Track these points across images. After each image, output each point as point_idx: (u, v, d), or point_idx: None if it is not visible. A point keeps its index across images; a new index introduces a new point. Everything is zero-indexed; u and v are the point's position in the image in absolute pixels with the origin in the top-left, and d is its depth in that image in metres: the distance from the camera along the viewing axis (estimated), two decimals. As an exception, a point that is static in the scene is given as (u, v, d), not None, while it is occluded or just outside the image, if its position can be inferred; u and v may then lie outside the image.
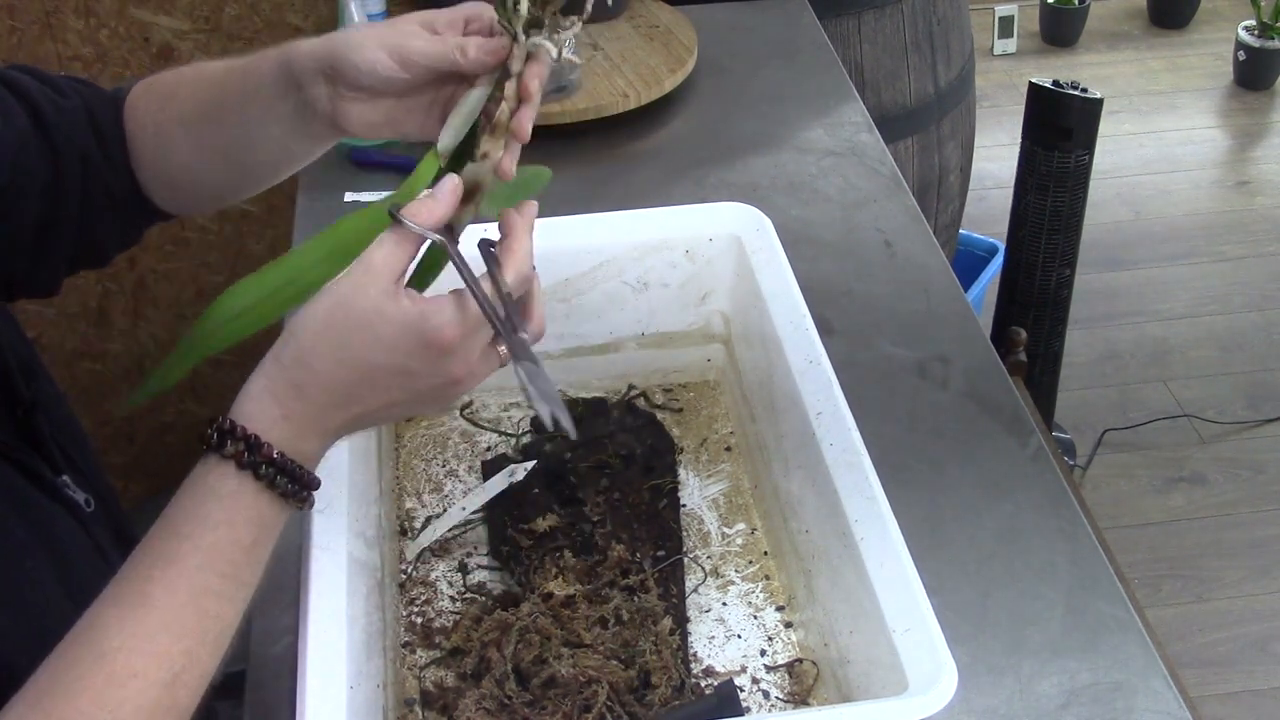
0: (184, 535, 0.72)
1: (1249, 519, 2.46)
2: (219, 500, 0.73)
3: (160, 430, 2.27)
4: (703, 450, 1.22)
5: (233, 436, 0.72)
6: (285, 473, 0.74)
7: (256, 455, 0.72)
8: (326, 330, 0.74)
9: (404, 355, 0.74)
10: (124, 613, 0.70)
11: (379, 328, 0.73)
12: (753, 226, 1.19)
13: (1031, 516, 1.10)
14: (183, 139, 0.95)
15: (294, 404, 0.74)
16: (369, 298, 0.73)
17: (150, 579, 0.71)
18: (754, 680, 1.01)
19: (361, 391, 0.75)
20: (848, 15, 1.98)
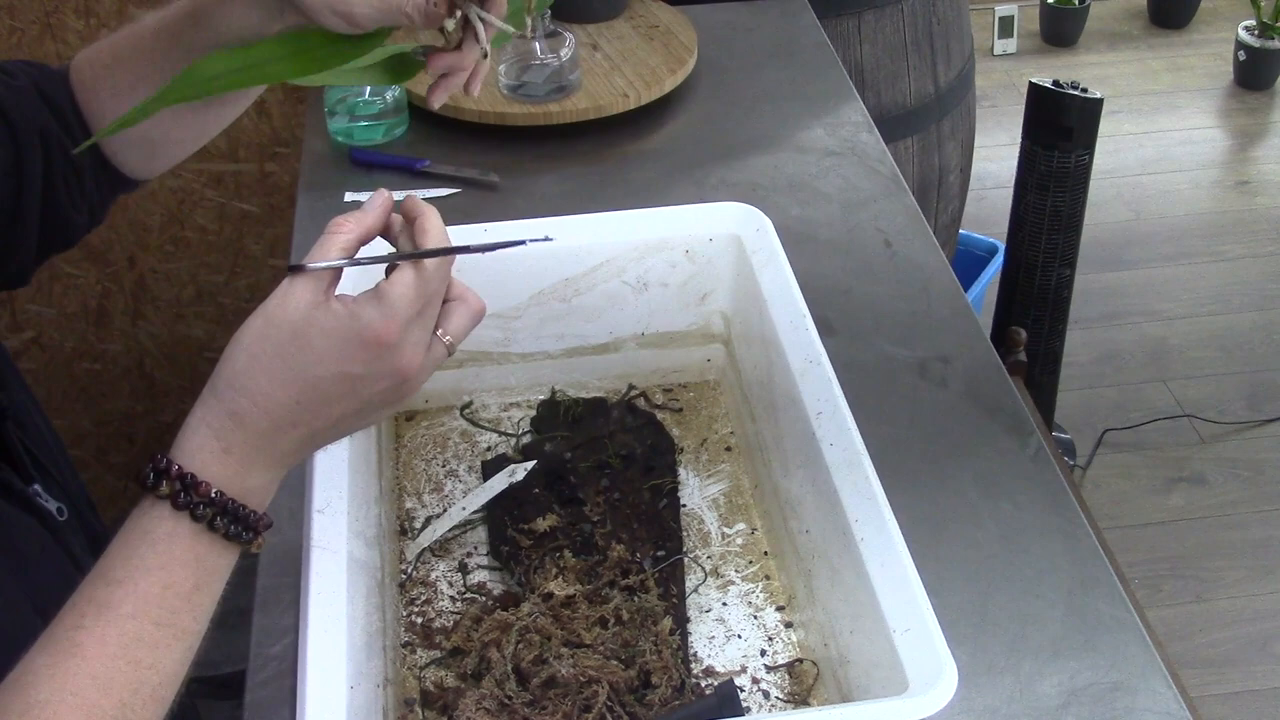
0: (116, 581, 0.68)
1: (1249, 519, 2.46)
2: (153, 544, 0.69)
3: (160, 430, 2.27)
4: (703, 450, 1.22)
5: (168, 475, 0.69)
6: (226, 513, 0.70)
7: (193, 494, 0.69)
8: (259, 351, 0.70)
9: (344, 360, 0.70)
10: (54, 662, 0.66)
11: (313, 338, 0.70)
12: (753, 226, 1.19)
13: (1031, 516, 1.10)
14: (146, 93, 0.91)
15: (234, 435, 0.70)
16: (297, 310, 0.70)
17: (80, 627, 0.67)
18: (754, 680, 1.01)
19: (307, 408, 0.71)
20: (848, 15, 1.98)
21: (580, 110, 1.60)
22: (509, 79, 1.62)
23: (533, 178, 1.54)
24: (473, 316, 0.77)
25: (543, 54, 1.60)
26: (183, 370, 2.22)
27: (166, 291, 2.12)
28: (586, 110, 1.61)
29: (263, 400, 0.70)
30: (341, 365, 0.71)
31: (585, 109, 1.61)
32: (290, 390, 0.70)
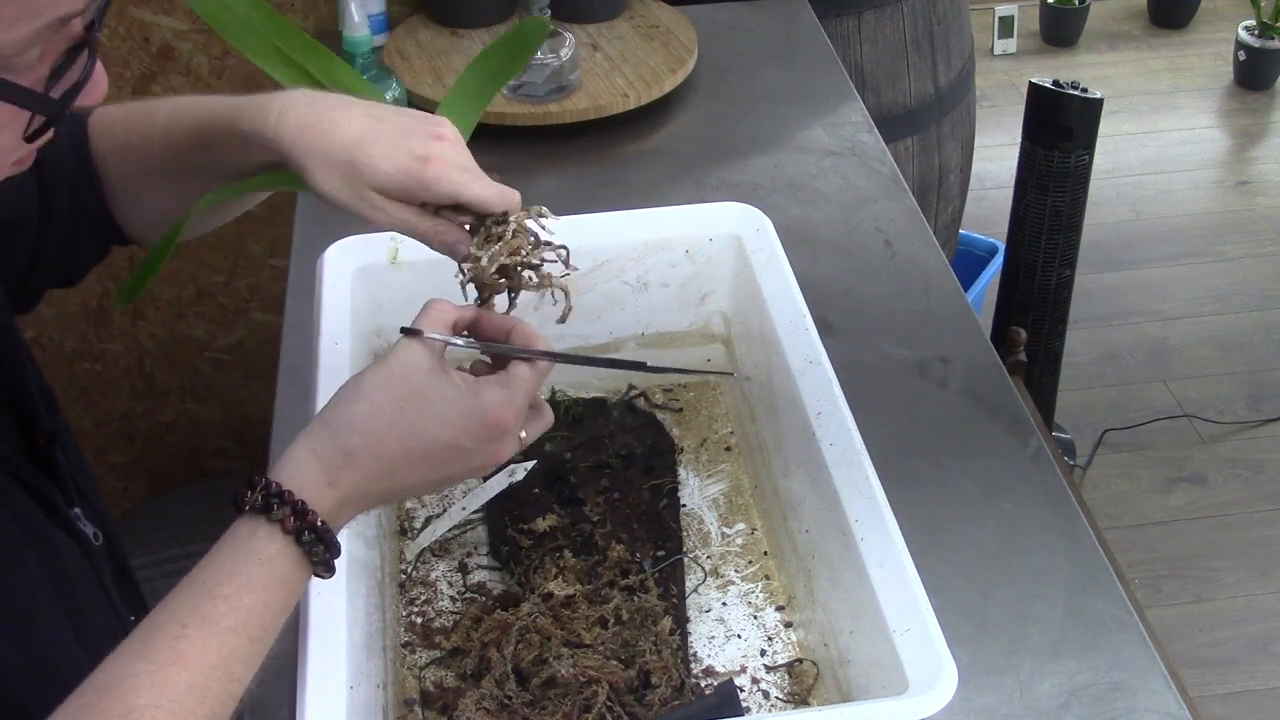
0: (223, 596, 0.70)
1: (1249, 519, 2.46)
2: (260, 563, 0.71)
3: (160, 430, 2.27)
4: (703, 450, 1.22)
5: (280, 500, 0.72)
6: (323, 541, 0.73)
7: (303, 521, 0.72)
8: (381, 400, 0.74)
9: (460, 432, 0.75)
10: (155, 669, 0.68)
11: (437, 404, 0.74)
12: (753, 226, 1.19)
13: (1031, 516, 1.10)
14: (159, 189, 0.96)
15: (341, 472, 0.74)
16: (420, 371, 0.75)
17: (184, 637, 0.69)
18: (754, 680, 1.01)
19: (411, 463, 0.75)
20: (848, 15, 1.98)
21: (580, 110, 1.60)
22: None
23: (533, 178, 1.53)
24: (546, 425, 0.82)
25: (543, 54, 1.60)
26: (183, 370, 2.22)
27: (166, 291, 2.12)
28: (586, 110, 1.61)
29: (376, 446, 0.74)
30: (456, 435, 0.75)
31: (585, 109, 1.61)
32: (404, 443, 0.74)
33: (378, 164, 0.82)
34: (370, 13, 1.74)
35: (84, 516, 0.89)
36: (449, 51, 1.74)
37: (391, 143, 0.82)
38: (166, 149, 0.93)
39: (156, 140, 0.93)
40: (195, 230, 1.02)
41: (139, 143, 0.94)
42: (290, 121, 0.84)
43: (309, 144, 0.83)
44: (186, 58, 1.94)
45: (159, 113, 0.94)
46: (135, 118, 0.96)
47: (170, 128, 0.92)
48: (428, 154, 0.82)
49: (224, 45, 1.94)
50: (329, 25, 1.90)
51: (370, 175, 0.82)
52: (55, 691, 0.68)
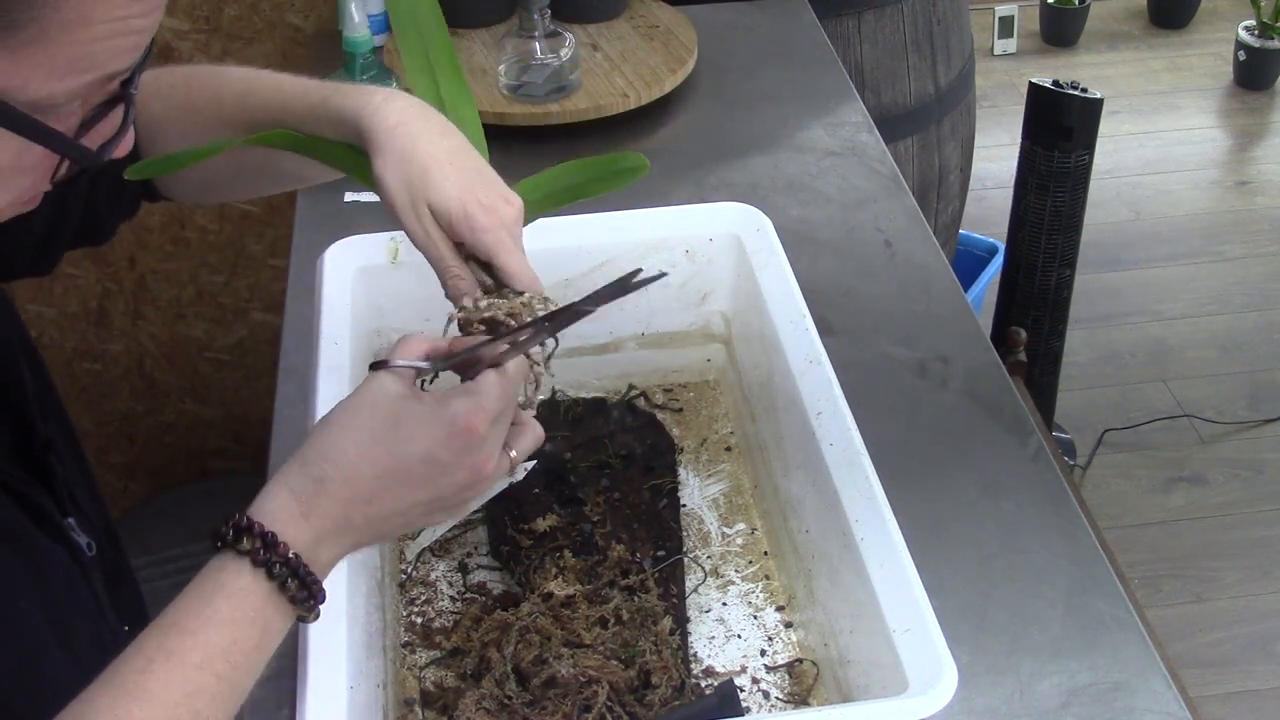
0: (189, 630, 0.69)
1: (1249, 519, 2.46)
2: (227, 598, 0.70)
3: (160, 430, 2.27)
4: (703, 450, 1.22)
5: (249, 533, 0.70)
6: (297, 576, 0.71)
7: (272, 554, 0.70)
8: (350, 424, 0.73)
9: (433, 443, 0.73)
10: (117, 703, 0.67)
11: (406, 419, 0.73)
12: (753, 226, 1.19)
13: (1031, 516, 1.10)
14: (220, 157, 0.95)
15: (314, 500, 0.72)
16: (389, 397, 0.74)
17: (148, 672, 0.68)
18: (754, 680, 1.01)
19: (387, 485, 0.73)
20: (848, 15, 1.98)
21: (580, 110, 1.60)
22: (509, 79, 1.62)
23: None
24: (535, 441, 0.82)
25: (543, 54, 1.60)
26: (183, 370, 2.22)
27: (166, 291, 2.12)
28: (586, 110, 1.61)
29: (348, 469, 0.72)
30: (430, 448, 0.73)
31: (585, 109, 1.61)
32: (377, 465, 0.73)
33: (447, 187, 0.83)
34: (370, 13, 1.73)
35: (78, 526, 0.88)
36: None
37: (468, 179, 0.84)
38: (239, 118, 0.92)
39: (227, 106, 0.93)
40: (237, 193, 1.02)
41: (206, 106, 0.94)
42: (392, 111, 0.85)
43: (398, 138, 0.84)
44: (186, 58, 1.94)
45: (230, 79, 0.94)
46: (200, 79, 0.95)
47: (246, 95, 0.92)
48: (492, 206, 0.84)
49: (224, 45, 1.94)
50: (329, 25, 1.90)
51: (435, 192, 0.83)
52: (40, 696, 0.68)
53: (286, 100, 0.90)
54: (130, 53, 0.63)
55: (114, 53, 0.62)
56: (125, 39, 0.62)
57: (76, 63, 0.61)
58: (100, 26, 0.60)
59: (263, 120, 0.91)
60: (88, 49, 0.61)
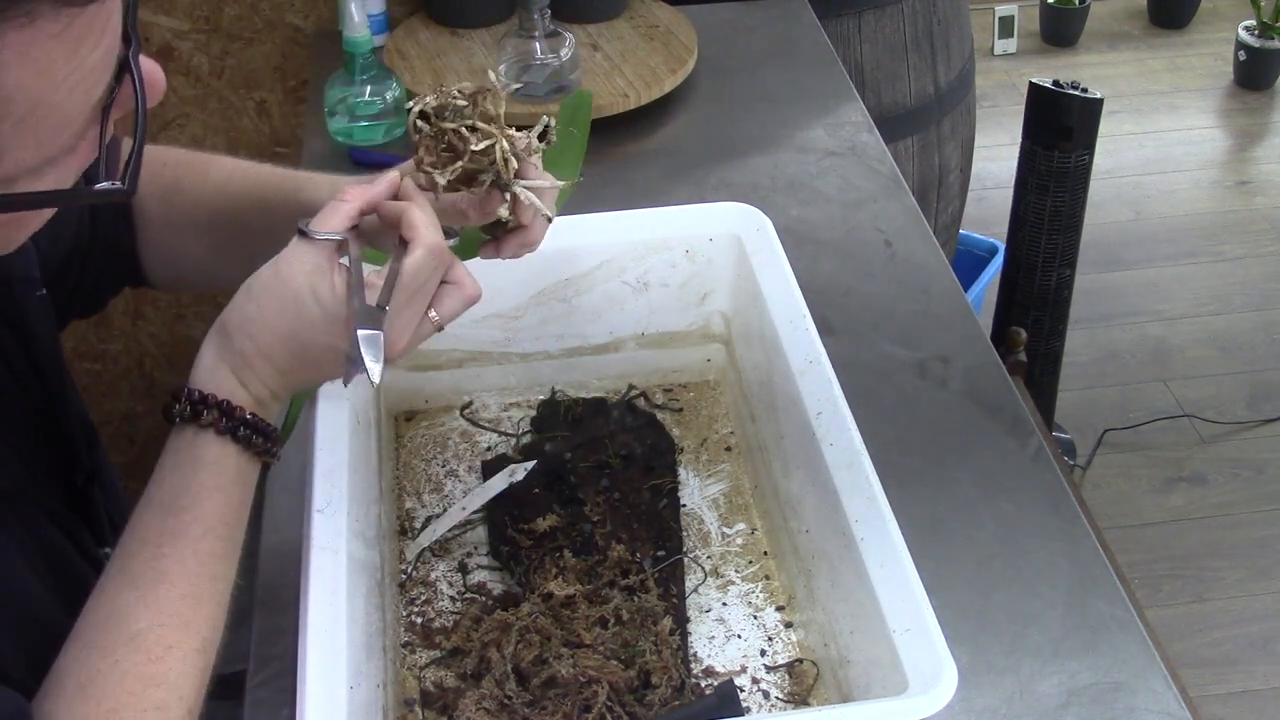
0: (181, 508, 0.75)
1: (1249, 519, 2.46)
2: (206, 468, 0.76)
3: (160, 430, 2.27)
4: (703, 450, 1.22)
5: (206, 405, 0.77)
6: (258, 431, 0.78)
7: (232, 419, 0.77)
8: (264, 304, 0.78)
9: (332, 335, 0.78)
10: (144, 593, 0.72)
11: (309, 306, 0.78)
12: (753, 226, 1.19)
13: (1031, 516, 1.10)
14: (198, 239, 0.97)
15: (245, 372, 0.79)
16: (301, 273, 0.78)
17: (161, 555, 0.73)
18: (754, 680, 1.01)
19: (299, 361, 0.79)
20: (848, 15, 1.98)
21: (580, 110, 1.60)
22: (509, 79, 1.62)
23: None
24: (465, 301, 0.84)
25: (543, 54, 1.60)
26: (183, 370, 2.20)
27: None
28: (586, 110, 1.60)
29: (265, 348, 0.78)
30: (330, 339, 0.79)
31: (585, 109, 1.60)
32: (287, 345, 0.79)
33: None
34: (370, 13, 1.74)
35: None
36: (449, 51, 1.74)
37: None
38: (219, 204, 0.95)
39: (210, 193, 0.95)
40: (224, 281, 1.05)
41: (190, 189, 0.96)
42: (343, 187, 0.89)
43: None
44: (186, 57, 1.94)
45: (214, 165, 0.97)
46: (186, 165, 0.98)
47: (227, 183, 0.95)
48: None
49: (224, 45, 1.94)
50: (329, 25, 1.90)
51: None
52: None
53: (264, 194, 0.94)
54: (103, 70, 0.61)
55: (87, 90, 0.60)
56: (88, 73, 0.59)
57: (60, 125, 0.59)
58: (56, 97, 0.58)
59: (242, 208, 0.94)
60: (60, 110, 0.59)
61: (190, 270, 1.01)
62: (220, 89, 1.97)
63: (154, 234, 0.98)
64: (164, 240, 0.98)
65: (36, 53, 0.56)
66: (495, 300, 1.20)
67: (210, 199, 0.95)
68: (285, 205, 0.92)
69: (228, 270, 1.00)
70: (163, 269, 1.01)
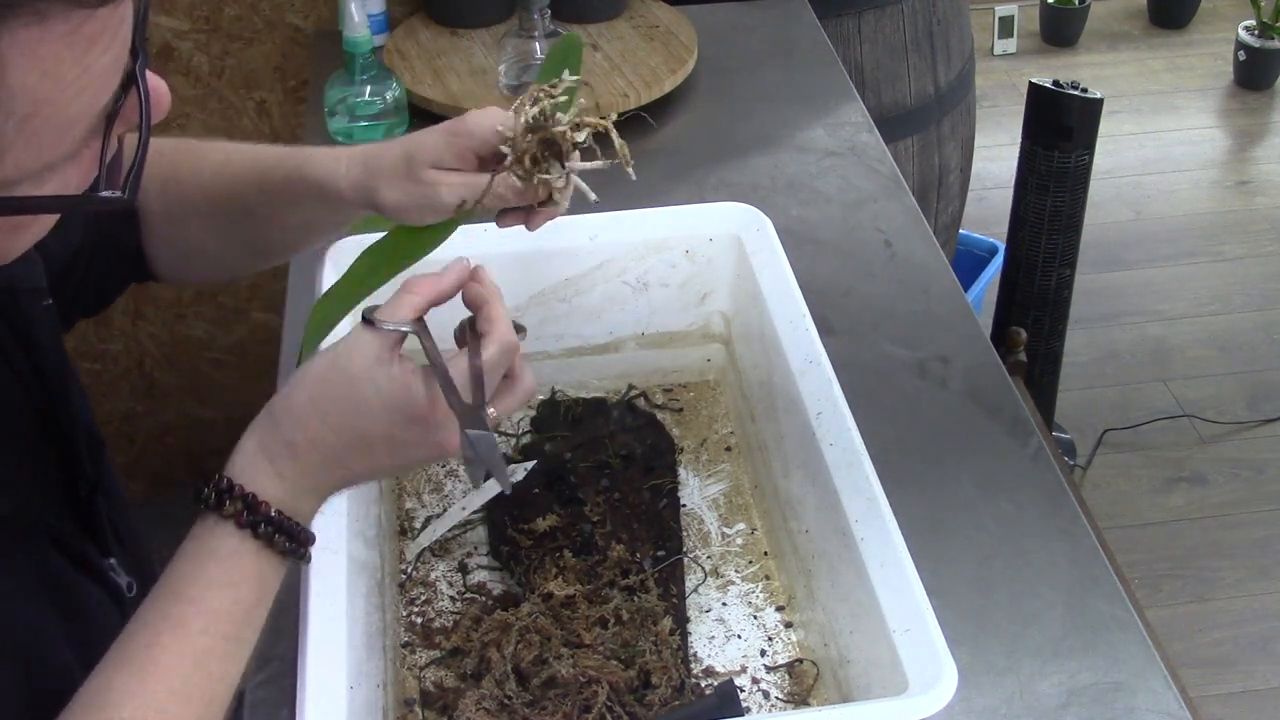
0: (188, 598, 0.71)
1: (1249, 519, 2.46)
2: (219, 561, 0.72)
3: (160, 430, 2.27)
4: (703, 450, 1.22)
5: (230, 495, 0.72)
6: (283, 531, 0.74)
7: (255, 514, 0.72)
8: (319, 394, 0.75)
9: (392, 424, 0.75)
10: (131, 680, 0.69)
11: (368, 395, 0.75)
12: (753, 226, 1.19)
13: (1031, 516, 1.10)
14: (201, 228, 0.96)
15: (287, 463, 0.74)
16: (361, 363, 0.75)
17: (155, 644, 0.70)
18: (754, 680, 1.01)
19: (352, 454, 0.76)
20: (848, 15, 1.98)
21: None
22: (509, 79, 1.62)
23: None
24: (524, 397, 0.82)
25: (543, 54, 1.60)
26: (183, 370, 2.22)
27: (166, 291, 2.12)
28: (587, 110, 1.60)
29: (315, 438, 0.74)
30: (389, 428, 0.75)
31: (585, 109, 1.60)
32: (341, 436, 0.75)
33: (425, 140, 0.86)
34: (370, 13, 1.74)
35: (119, 566, 0.88)
36: (449, 51, 1.74)
37: (434, 131, 0.87)
38: (218, 188, 0.94)
39: (207, 177, 0.94)
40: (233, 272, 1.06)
41: (188, 178, 0.95)
42: (355, 165, 0.88)
43: (371, 172, 0.87)
44: (186, 57, 1.94)
45: (210, 151, 0.96)
46: (183, 152, 0.97)
47: (224, 166, 0.94)
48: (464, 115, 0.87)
49: (224, 45, 1.94)
50: (329, 25, 1.90)
51: (421, 153, 0.85)
52: None
53: (263, 172, 0.92)
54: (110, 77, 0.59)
55: (93, 96, 0.59)
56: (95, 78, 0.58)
57: (63, 129, 0.58)
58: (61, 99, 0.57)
59: (241, 190, 0.93)
60: (64, 113, 0.58)
61: (197, 261, 1.00)
62: (220, 89, 1.97)
63: (156, 227, 0.97)
64: (167, 232, 0.97)
65: (44, 52, 0.55)
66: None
67: (208, 184, 0.94)
68: (285, 185, 0.91)
69: (234, 258, 1.00)
70: (169, 262, 1.00)
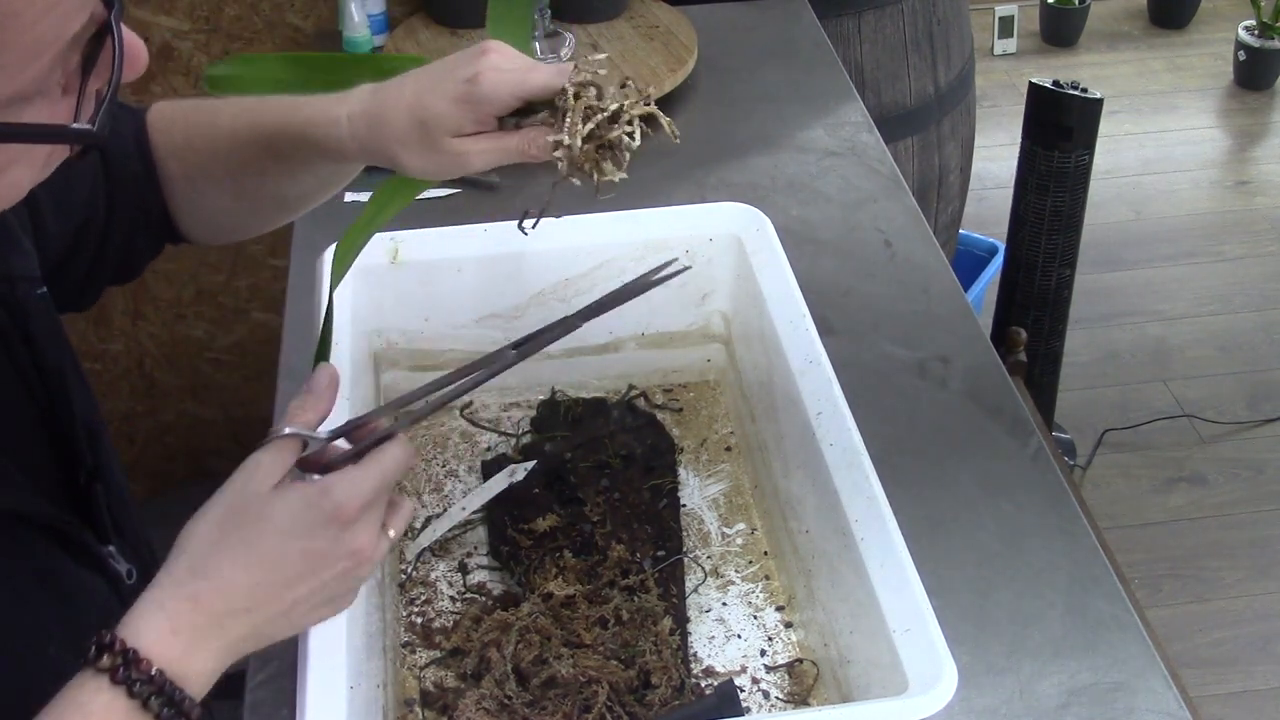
0: None
1: (1249, 519, 2.46)
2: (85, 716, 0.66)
3: (160, 430, 2.27)
4: (703, 450, 1.22)
5: (110, 649, 0.66)
6: (162, 693, 0.67)
7: (133, 670, 0.66)
8: (223, 534, 0.70)
9: (307, 534, 0.71)
10: None
11: (277, 512, 0.71)
12: (753, 226, 1.19)
13: (1031, 516, 1.10)
14: (220, 190, 0.96)
15: (186, 617, 0.69)
16: (259, 493, 0.71)
17: None
18: (754, 680, 1.01)
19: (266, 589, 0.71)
20: (848, 15, 1.98)
21: (580, 110, 1.60)
22: (509, 79, 1.62)
23: (533, 178, 1.53)
24: (408, 518, 0.79)
25: (542, 54, 1.60)
26: (183, 370, 2.22)
27: (166, 291, 2.12)
28: (586, 110, 1.60)
29: (222, 583, 0.69)
30: (304, 540, 0.71)
31: (585, 109, 1.60)
32: (252, 573, 0.70)
33: (438, 108, 0.81)
34: (370, 13, 1.74)
35: (119, 554, 0.87)
36: (449, 51, 1.74)
37: (441, 85, 0.82)
38: (232, 152, 0.93)
39: (221, 143, 0.93)
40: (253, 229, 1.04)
41: (202, 144, 0.95)
42: (358, 122, 0.84)
43: (382, 137, 0.83)
44: (186, 58, 1.94)
45: (221, 115, 0.94)
46: (196, 116, 0.96)
47: (236, 131, 0.92)
48: (476, 72, 0.81)
49: (224, 45, 1.94)
50: (329, 25, 1.90)
51: (437, 123, 0.81)
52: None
53: (269, 138, 0.90)
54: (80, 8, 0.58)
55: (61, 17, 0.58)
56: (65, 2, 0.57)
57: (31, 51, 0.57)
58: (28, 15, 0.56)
59: (254, 154, 0.92)
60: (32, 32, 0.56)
61: (223, 220, 1.00)
62: (220, 89, 1.97)
63: (178, 192, 0.97)
64: (190, 197, 0.97)
65: None
66: (495, 300, 1.20)
67: (223, 152, 0.93)
68: (292, 151, 0.89)
69: (258, 216, 1.00)
70: (196, 224, 1.00)
